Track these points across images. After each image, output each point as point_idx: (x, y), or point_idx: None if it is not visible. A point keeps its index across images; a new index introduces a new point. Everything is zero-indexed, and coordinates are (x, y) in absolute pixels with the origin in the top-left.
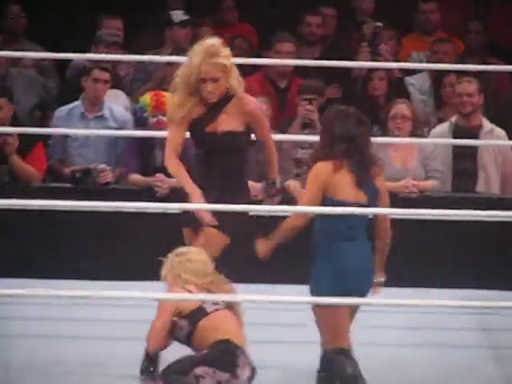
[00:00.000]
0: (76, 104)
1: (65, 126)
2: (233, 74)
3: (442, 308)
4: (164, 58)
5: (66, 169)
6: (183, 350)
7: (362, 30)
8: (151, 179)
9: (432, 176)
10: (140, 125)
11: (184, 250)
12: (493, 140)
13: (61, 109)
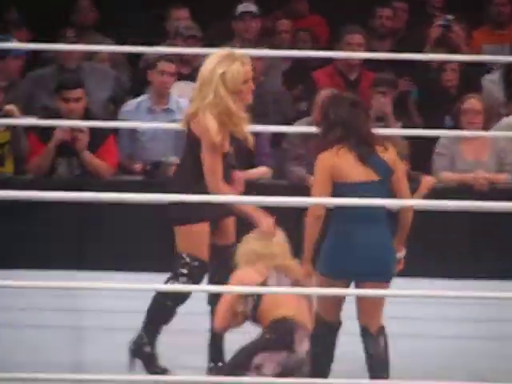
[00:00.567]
0: (143, 97)
1: (133, 120)
2: None
3: None
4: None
5: (136, 163)
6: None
7: (433, 24)
8: None
9: (505, 169)
10: None
11: (255, 235)
12: None
13: (129, 103)
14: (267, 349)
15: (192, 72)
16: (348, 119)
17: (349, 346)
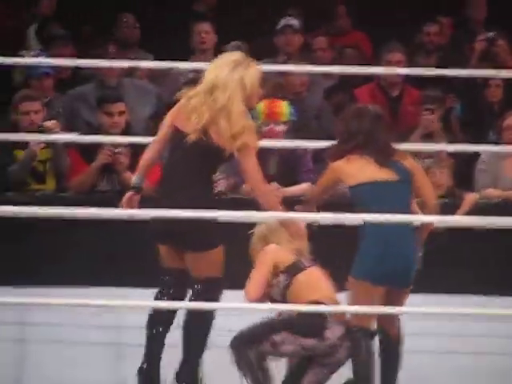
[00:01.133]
0: None
1: None
2: None
3: None
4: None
5: None
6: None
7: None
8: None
9: None
10: None
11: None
12: None
13: None
14: (294, 332)
15: None
16: (369, 130)
17: None
